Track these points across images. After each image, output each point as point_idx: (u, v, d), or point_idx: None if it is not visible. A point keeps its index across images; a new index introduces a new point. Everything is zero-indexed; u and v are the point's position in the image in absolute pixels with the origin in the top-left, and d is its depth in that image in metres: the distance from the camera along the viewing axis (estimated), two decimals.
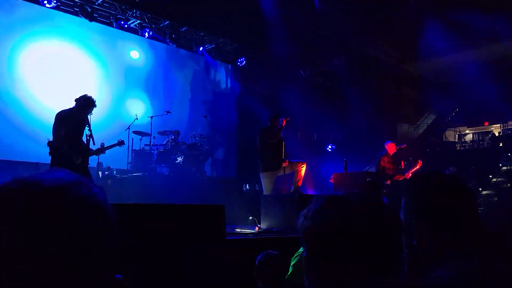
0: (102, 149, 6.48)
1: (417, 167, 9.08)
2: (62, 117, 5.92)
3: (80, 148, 5.98)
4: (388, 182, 8.32)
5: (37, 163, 8.56)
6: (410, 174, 8.65)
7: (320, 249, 0.97)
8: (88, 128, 5.97)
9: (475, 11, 11.29)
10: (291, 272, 3.59)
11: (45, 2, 9.23)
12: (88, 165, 6.31)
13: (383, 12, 10.77)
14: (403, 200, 1.31)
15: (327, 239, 0.96)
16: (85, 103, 6.01)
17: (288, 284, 3.56)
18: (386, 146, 8.84)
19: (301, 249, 3.76)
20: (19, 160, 8.71)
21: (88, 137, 6.05)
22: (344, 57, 13.33)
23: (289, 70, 13.55)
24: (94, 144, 6.18)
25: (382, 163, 8.64)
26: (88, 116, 6.11)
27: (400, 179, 8.51)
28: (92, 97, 6.12)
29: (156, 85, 11.57)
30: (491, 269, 1.15)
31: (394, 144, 8.89)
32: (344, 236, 0.95)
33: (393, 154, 8.82)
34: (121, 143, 7.17)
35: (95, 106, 6.12)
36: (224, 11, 10.57)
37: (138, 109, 10.92)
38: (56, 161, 5.85)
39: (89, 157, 6.29)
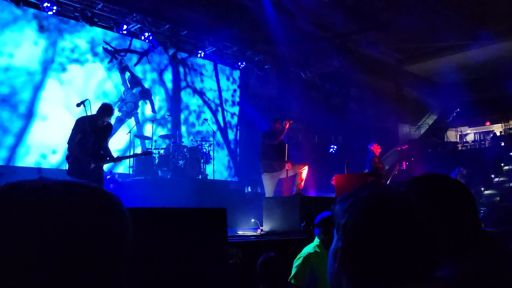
0: (121, 158, 6.47)
1: (395, 170, 9.20)
2: (81, 123, 6.01)
3: (94, 155, 6.02)
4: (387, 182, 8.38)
5: (39, 169, 8.59)
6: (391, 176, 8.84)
7: (360, 245, 0.95)
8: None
9: (475, 11, 11.31)
10: (294, 273, 3.60)
11: (46, 6, 9.26)
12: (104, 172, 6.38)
13: (384, 12, 10.78)
14: None
15: (372, 237, 0.94)
16: (103, 110, 6.14)
17: (290, 286, 3.56)
18: (372, 148, 8.95)
19: (303, 251, 3.76)
20: (20, 166, 8.74)
21: (106, 144, 6.19)
22: (345, 59, 13.33)
23: (290, 72, 13.57)
24: (108, 151, 6.33)
25: (373, 164, 8.75)
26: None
27: (387, 179, 8.67)
28: (110, 104, 6.30)
29: (157, 89, 11.58)
30: (491, 270, 1.16)
31: (377, 144, 9.06)
32: (394, 236, 0.93)
33: (379, 153, 9.02)
34: (147, 153, 7.06)
35: (111, 114, 6.26)
36: (224, 14, 10.60)
37: (139, 113, 10.96)
38: (71, 166, 5.96)
39: (105, 164, 6.37)
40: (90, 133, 5.96)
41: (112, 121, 7.45)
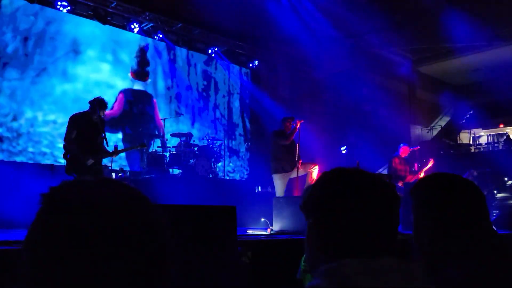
0: (118, 151, 6.46)
1: (429, 165, 9.03)
2: (75, 120, 6.02)
3: (91, 150, 6.03)
4: (400, 183, 8.28)
5: (52, 165, 8.67)
6: (421, 173, 8.66)
7: (328, 218, 0.98)
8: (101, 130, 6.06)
9: (490, 10, 11.19)
10: (304, 274, 3.56)
11: (59, 5, 9.35)
12: (104, 167, 6.36)
13: (397, 12, 10.70)
14: (412, 202, 1.31)
15: (335, 208, 0.97)
16: (96, 105, 6.10)
17: (300, 285, 3.54)
18: (400, 148, 8.84)
19: None
20: (33, 162, 8.83)
21: (102, 139, 6.14)
22: (357, 58, 13.27)
23: (302, 71, 13.53)
24: (107, 145, 6.26)
25: (393, 164, 8.64)
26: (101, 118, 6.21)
27: (412, 180, 8.49)
28: (103, 98, 6.22)
29: (168, 87, 11.64)
30: (499, 270, 1.15)
31: (407, 147, 8.93)
32: (354, 206, 0.95)
33: (404, 156, 8.86)
34: (142, 145, 7.03)
35: (105, 107, 6.21)
36: (236, 14, 10.60)
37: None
38: (69, 163, 5.96)
39: (103, 159, 6.37)
40: (85, 129, 5.98)
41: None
